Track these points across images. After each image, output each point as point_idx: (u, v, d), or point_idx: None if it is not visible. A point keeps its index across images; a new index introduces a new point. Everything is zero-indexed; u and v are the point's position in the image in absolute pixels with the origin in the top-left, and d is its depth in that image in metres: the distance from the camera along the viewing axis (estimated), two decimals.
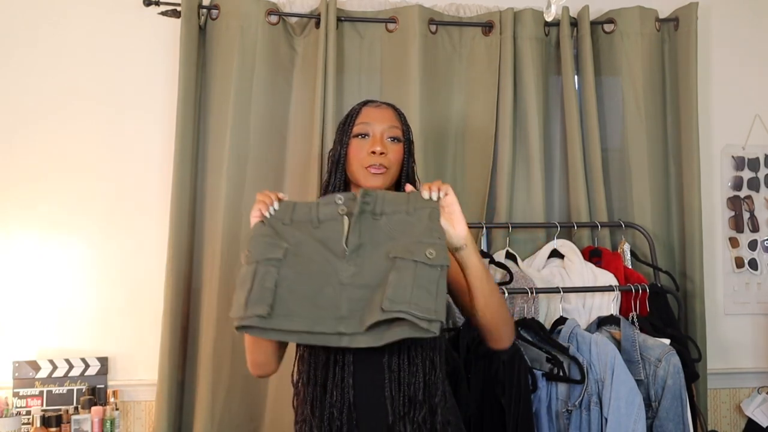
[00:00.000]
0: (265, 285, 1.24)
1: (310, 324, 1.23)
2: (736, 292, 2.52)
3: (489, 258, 2.13)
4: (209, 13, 2.23)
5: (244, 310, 1.22)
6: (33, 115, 2.20)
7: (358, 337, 1.23)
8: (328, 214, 1.33)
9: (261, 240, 1.30)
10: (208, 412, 2.10)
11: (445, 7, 2.38)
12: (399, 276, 1.22)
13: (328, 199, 1.35)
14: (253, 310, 1.21)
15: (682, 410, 1.87)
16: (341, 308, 1.25)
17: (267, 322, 1.22)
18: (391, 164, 1.50)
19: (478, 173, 2.31)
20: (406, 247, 1.26)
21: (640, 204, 2.34)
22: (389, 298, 1.19)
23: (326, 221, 1.33)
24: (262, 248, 1.28)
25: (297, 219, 1.33)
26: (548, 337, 1.94)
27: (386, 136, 1.51)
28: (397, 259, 1.24)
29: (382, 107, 1.57)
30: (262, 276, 1.25)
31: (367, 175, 1.49)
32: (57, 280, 2.19)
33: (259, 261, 1.27)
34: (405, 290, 1.20)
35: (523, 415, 1.78)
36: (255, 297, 1.23)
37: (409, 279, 1.21)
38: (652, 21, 2.40)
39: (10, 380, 2.09)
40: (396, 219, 1.32)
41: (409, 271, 1.22)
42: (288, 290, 1.25)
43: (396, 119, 1.55)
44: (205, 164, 2.22)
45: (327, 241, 1.31)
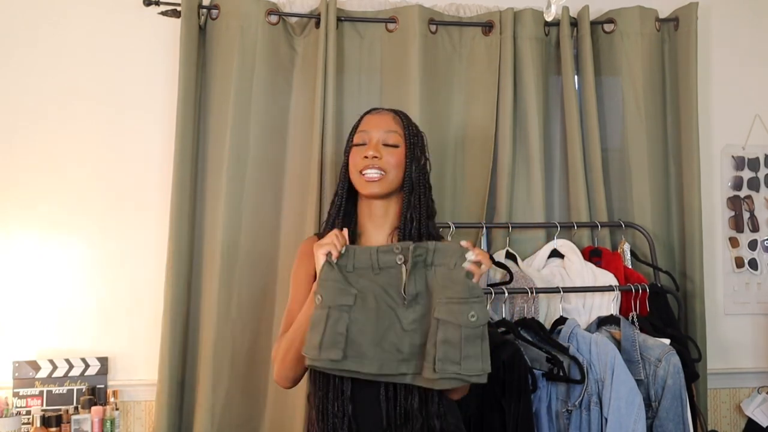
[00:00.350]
0: (337, 330, 1.35)
1: (377, 367, 1.36)
2: (736, 292, 2.52)
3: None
4: (209, 13, 2.23)
5: (319, 352, 1.34)
6: (33, 115, 2.20)
7: (419, 377, 1.37)
8: (387, 262, 1.42)
9: (333, 285, 1.38)
10: (208, 412, 2.10)
11: (445, 7, 2.38)
12: (446, 337, 1.33)
13: (386, 247, 1.43)
14: (327, 354, 1.33)
15: (682, 410, 1.87)
16: (404, 352, 1.37)
17: (338, 365, 1.35)
18: (389, 168, 1.51)
19: (478, 173, 2.31)
20: (449, 309, 1.35)
21: (640, 204, 2.34)
22: (440, 359, 1.32)
23: (385, 268, 1.42)
24: (334, 294, 1.37)
25: (358, 266, 1.42)
26: (548, 337, 1.94)
27: (382, 142, 1.53)
28: (442, 321, 1.35)
29: (381, 113, 1.59)
30: (335, 321, 1.35)
31: (362, 183, 1.52)
32: (57, 280, 2.19)
33: (332, 306, 1.36)
34: (454, 353, 1.32)
35: (523, 415, 1.78)
36: (328, 341, 1.34)
37: (456, 340, 1.33)
38: (652, 21, 2.40)
39: (10, 380, 2.09)
40: (440, 272, 1.40)
41: (456, 333, 1.33)
42: (358, 334, 1.36)
43: (395, 123, 1.56)
44: (205, 164, 2.22)
45: (387, 288, 1.40)
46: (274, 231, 2.24)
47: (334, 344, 1.33)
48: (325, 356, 1.33)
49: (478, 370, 1.33)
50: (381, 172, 1.50)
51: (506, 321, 1.98)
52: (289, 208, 2.25)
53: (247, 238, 2.18)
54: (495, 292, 1.99)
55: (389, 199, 1.56)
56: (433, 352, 1.34)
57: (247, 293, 2.16)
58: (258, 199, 2.21)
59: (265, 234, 2.22)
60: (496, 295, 1.99)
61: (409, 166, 1.54)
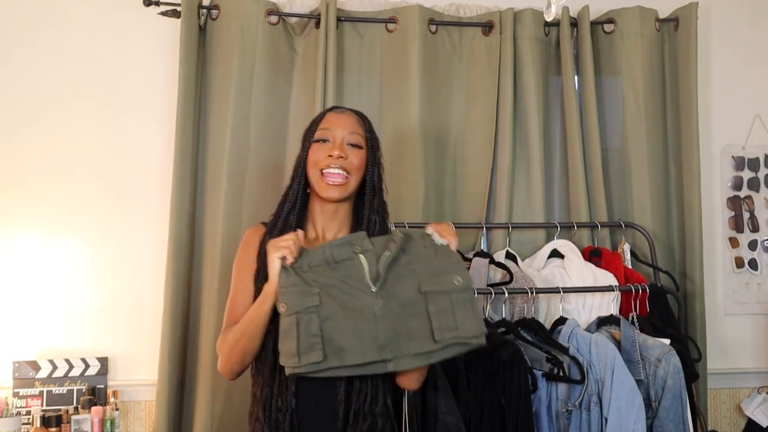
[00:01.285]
0: (311, 332, 1.34)
1: (360, 357, 1.35)
2: (736, 292, 2.52)
3: (489, 258, 2.13)
4: (209, 13, 2.23)
5: (298, 359, 1.33)
6: (33, 115, 2.20)
7: (402, 360, 1.37)
8: (342, 255, 1.42)
9: (294, 290, 1.38)
10: (208, 412, 2.10)
11: (445, 7, 2.38)
12: (437, 306, 1.37)
13: (340, 240, 1.44)
14: (308, 359, 1.33)
15: (682, 410, 1.87)
16: (380, 338, 1.36)
17: (321, 366, 1.34)
18: (352, 170, 1.51)
19: (478, 173, 2.31)
20: (433, 280, 1.39)
21: (640, 204, 2.34)
22: (437, 329, 1.35)
23: (341, 261, 1.42)
24: (298, 298, 1.37)
25: (314, 264, 1.41)
26: (548, 337, 1.94)
27: (347, 142, 1.52)
28: (430, 293, 1.38)
29: (345, 113, 1.58)
30: (306, 324, 1.35)
31: (322, 185, 1.50)
32: (57, 280, 2.19)
33: (299, 311, 1.36)
34: (448, 318, 1.36)
35: (523, 415, 1.78)
36: (305, 346, 1.34)
37: (448, 307, 1.37)
38: (652, 21, 2.40)
39: (10, 380, 2.09)
40: (414, 253, 1.43)
41: (446, 301, 1.37)
42: (332, 330, 1.36)
43: (358, 125, 1.56)
44: (205, 164, 2.22)
45: (347, 279, 1.40)
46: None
47: (311, 347, 1.33)
48: (306, 361, 1.33)
49: (475, 330, 1.36)
50: (344, 173, 1.50)
51: (506, 321, 1.98)
52: None
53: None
54: (495, 292, 1.99)
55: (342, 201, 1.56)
56: (427, 326, 1.36)
57: None
58: (258, 199, 2.21)
59: None
60: (496, 295, 1.99)
61: (371, 169, 1.55)
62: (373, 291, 1.38)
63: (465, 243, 2.29)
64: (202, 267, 2.19)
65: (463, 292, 1.38)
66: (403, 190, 2.24)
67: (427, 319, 1.36)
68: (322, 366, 1.34)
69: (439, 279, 1.39)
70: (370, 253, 1.41)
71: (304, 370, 1.34)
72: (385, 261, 1.40)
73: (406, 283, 1.40)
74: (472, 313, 1.37)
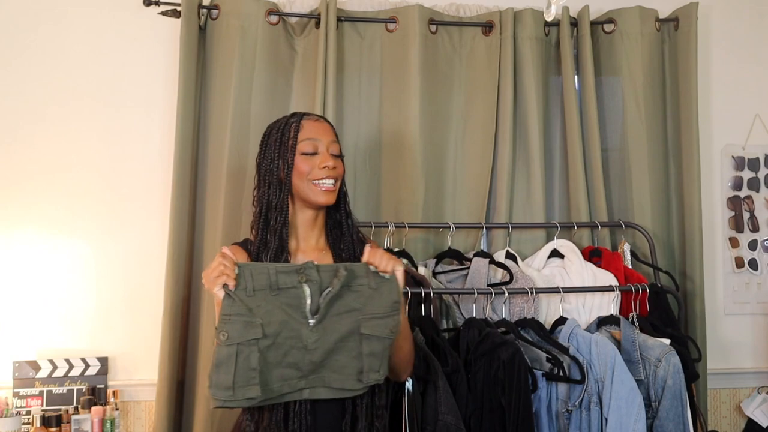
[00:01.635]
0: (250, 366, 1.31)
1: (278, 389, 1.35)
2: (736, 292, 2.52)
3: (489, 258, 2.13)
4: (209, 13, 2.23)
5: (233, 392, 1.29)
6: (33, 115, 2.20)
7: (318, 389, 1.39)
8: (287, 282, 1.37)
9: (238, 320, 1.32)
10: (208, 412, 2.10)
11: (445, 7, 2.38)
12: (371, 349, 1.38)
13: (286, 267, 1.38)
14: (244, 394, 1.30)
15: (682, 410, 1.87)
16: (303, 368, 1.36)
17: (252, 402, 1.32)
18: (339, 177, 1.54)
19: (478, 173, 2.31)
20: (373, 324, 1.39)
21: (640, 204, 2.34)
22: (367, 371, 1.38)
23: (285, 289, 1.37)
24: (240, 329, 1.32)
25: (258, 287, 1.35)
26: (548, 337, 1.94)
27: (330, 152, 1.53)
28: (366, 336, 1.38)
29: (321, 121, 1.57)
30: (246, 357, 1.31)
31: (316, 192, 1.50)
32: (57, 279, 2.19)
33: (240, 342, 1.31)
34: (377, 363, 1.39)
35: (523, 415, 1.78)
36: (242, 379, 1.30)
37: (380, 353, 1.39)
38: (652, 21, 2.40)
39: (10, 380, 2.09)
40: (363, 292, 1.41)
41: (380, 347, 1.39)
42: (267, 365, 1.33)
43: (333, 134, 1.57)
44: (205, 164, 2.22)
45: (287, 308, 1.36)
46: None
47: (248, 381, 1.30)
48: (241, 396, 1.29)
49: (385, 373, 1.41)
50: (334, 181, 1.52)
51: (506, 321, 1.98)
52: None
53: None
54: (495, 292, 1.99)
55: None
56: (355, 364, 1.38)
57: None
58: None
59: None
60: (496, 295, 1.99)
61: (344, 177, 1.57)
62: (310, 324, 1.36)
63: (465, 243, 2.29)
64: (202, 267, 2.19)
65: (390, 339, 1.40)
66: (403, 190, 2.24)
67: (358, 358, 1.38)
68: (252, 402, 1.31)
69: (380, 323, 1.39)
70: (314, 284, 1.37)
71: (237, 405, 1.32)
72: (326, 296, 1.37)
73: (345, 320, 1.38)
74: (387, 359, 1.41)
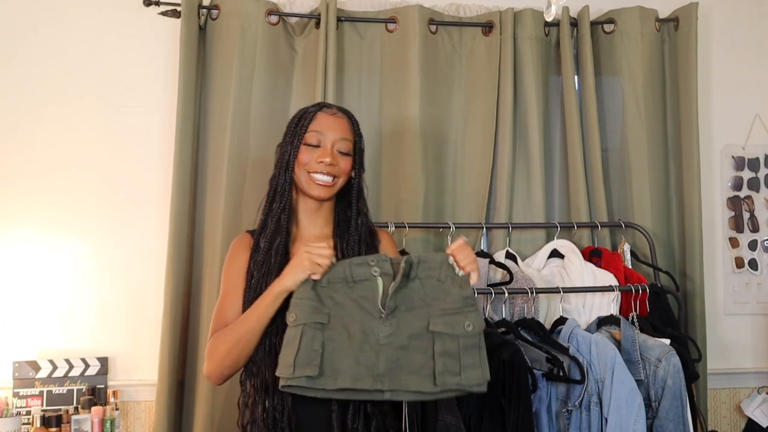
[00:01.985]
0: (312, 347, 1.33)
1: (352, 382, 1.33)
2: (736, 292, 2.52)
3: (489, 258, 2.13)
4: (209, 13, 2.23)
5: (293, 370, 1.31)
6: (33, 115, 2.20)
7: (400, 393, 1.34)
8: (361, 275, 1.40)
9: (306, 303, 1.37)
10: (208, 412, 2.10)
11: (445, 7, 2.38)
12: (444, 348, 1.33)
13: (360, 259, 1.42)
14: (303, 371, 1.31)
15: (682, 410, 1.87)
16: (378, 367, 1.34)
17: (314, 382, 1.32)
18: (340, 175, 1.53)
19: (478, 173, 2.31)
20: (444, 320, 1.35)
21: (640, 204, 2.34)
22: (440, 372, 1.31)
23: (360, 281, 1.40)
24: (308, 312, 1.36)
25: (333, 280, 1.40)
26: (548, 337, 1.94)
27: (336, 148, 1.52)
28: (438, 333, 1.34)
29: (337, 116, 1.56)
30: (310, 338, 1.34)
31: (311, 184, 1.51)
32: (57, 279, 2.19)
33: (306, 324, 1.35)
34: (453, 363, 1.32)
35: (523, 415, 1.77)
36: (303, 359, 1.32)
37: (455, 351, 1.33)
38: (652, 21, 2.40)
39: (10, 380, 2.09)
40: (429, 284, 1.40)
41: (453, 345, 1.34)
42: (333, 351, 1.34)
43: (348, 130, 1.56)
44: (205, 164, 2.22)
45: (362, 301, 1.38)
46: None
47: (309, 361, 1.32)
48: (300, 373, 1.31)
49: (479, 379, 1.33)
50: (332, 177, 1.52)
51: (506, 321, 1.98)
52: None
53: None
54: (495, 292, 1.99)
55: None
56: (431, 365, 1.33)
57: None
58: (258, 199, 2.18)
59: None
60: (496, 295, 1.99)
61: (357, 172, 1.56)
62: (382, 317, 1.36)
63: None
64: (202, 267, 2.19)
65: (472, 337, 1.35)
66: (403, 190, 2.24)
67: (431, 358, 1.33)
68: (316, 384, 1.32)
69: (451, 320, 1.35)
70: (387, 277, 1.38)
71: (297, 383, 1.32)
72: (391, 289, 1.36)
73: (418, 314, 1.37)
74: (479, 359, 1.34)
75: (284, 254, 1.50)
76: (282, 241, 1.50)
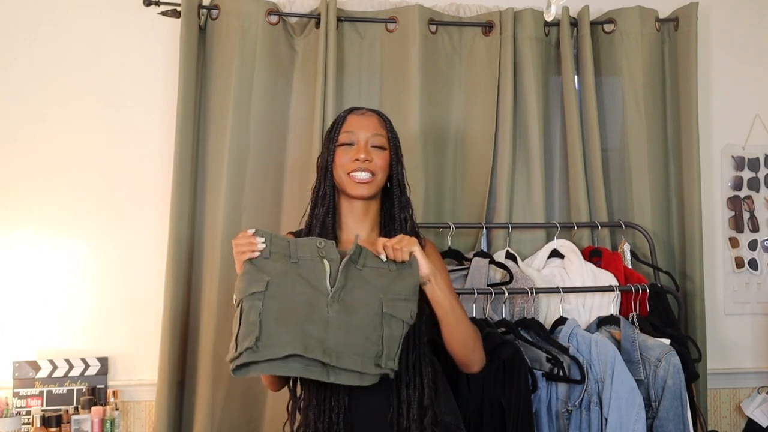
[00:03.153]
0: (250, 319, 1.28)
1: (301, 348, 1.27)
2: (736, 292, 2.52)
3: (489, 258, 2.13)
4: (209, 13, 2.23)
5: (235, 349, 1.27)
6: (33, 115, 2.20)
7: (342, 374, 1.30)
8: (306, 255, 1.37)
9: (243, 278, 1.33)
10: (208, 412, 2.10)
11: (445, 7, 2.38)
12: (391, 332, 1.34)
13: (306, 241, 1.39)
14: (243, 345, 1.26)
15: (682, 410, 1.87)
16: (328, 340, 1.30)
17: (257, 355, 1.26)
18: (377, 171, 1.53)
19: (478, 173, 2.31)
20: (395, 304, 1.35)
21: (640, 204, 2.34)
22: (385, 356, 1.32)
23: (305, 260, 1.37)
24: (244, 285, 1.32)
25: (275, 251, 1.37)
26: (548, 337, 1.94)
27: (370, 144, 1.53)
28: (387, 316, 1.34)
29: (366, 115, 1.58)
30: (247, 311, 1.29)
31: (351, 184, 1.51)
32: (57, 279, 2.19)
33: (243, 298, 1.31)
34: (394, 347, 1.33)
35: (523, 415, 1.78)
36: (243, 333, 1.27)
37: (398, 336, 1.34)
38: (652, 21, 2.40)
39: (10, 380, 2.09)
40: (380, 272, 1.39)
41: (398, 330, 1.35)
42: (275, 320, 1.29)
43: (381, 126, 1.56)
44: (205, 164, 2.22)
45: (308, 278, 1.35)
46: (273, 231, 2.23)
47: (248, 334, 1.27)
48: (240, 348, 1.26)
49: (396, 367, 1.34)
50: (370, 174, 1.52)
51: (506, 321, 1.98)
52: (289, 208, 2.24)
53: None
54: (495, 292, 1.99)
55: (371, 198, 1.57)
56: (377, 348, 1.31)
57: None
58: (258, 199, 2.21)
59: None
60: (496, 295, 1.99)
61: (395, 168, 1.57)
62: (330, 292, 1.33)
63: (465, 243, 2.29)
64: (202, 267, 2.19)
65: (408, 327, 1.36)
66: None
67: (378, 342, 1.32)
68: (260, 356, 1.26)
69: (403, 305, 1.36)
70: (334, 262, 1.36)
71: (240, 360, 1.26)
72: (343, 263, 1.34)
73: (367, 296, 1.35)
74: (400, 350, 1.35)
75: None
76: None
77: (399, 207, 1.56)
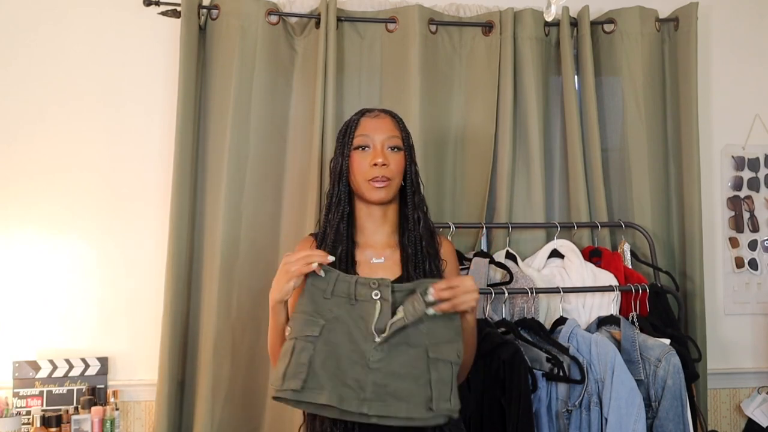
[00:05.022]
0: (300, 360, 1.35)
1: (337, 400, 1.34)
2: (736, 292, 2.52)
3: (489, 258, 2.13)
4: (209, 13, 2.23)
5: (282, 382, 1.35)
6: (33, 115, 2.20)
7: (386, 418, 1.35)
8: (364, 295, 1.41)
9: (301, 317, 1.40)
10: (208, 412, 2.10)
11: (445, 7, 2.38)
12: (440, 375, 1.36)
13: (364, 279, 1.43)
14: (289, 384, 1.34)
15: (682, 410, 1.87)
16: (366, 390, 1.35)
17: (299, 395, 1.34)
18: (394, 174, 1.53)
19: (478, 173, 2.31)
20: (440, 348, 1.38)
21: (640, 204, 2.34)
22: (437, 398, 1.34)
23: (361, 301, 1.41)
24: (301, 325, 1.39)
25: (337, 293, 1.42)
26: (548, 337, 1.94)
27: (386, 146, 1.53)
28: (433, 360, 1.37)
29: (380, 116, 1.57)
30: (299, 351, 1.36)
31: (370, 188, 1.51)
32: (57, 279, 2.19)
33: (298, 337, 1.38)
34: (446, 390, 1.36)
35: (523, 415, 1.77)
36: (291, 371, 1.35)
37: (448, 378, 1.37)
38: (652, 21, 2.40)
39: (10, 380, 2.09)
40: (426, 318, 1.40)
41: (447, 371, 1.37)
42: (321, 366, 1.36)
43: (395, 127, 1.56)
44: (205, 164, 2.22)
45: (359, 321, 1.40)
46: (274, 231, 2.24)
47: (295, 374, 1.34)
48: (286, 386, 1.33)
49: (457, 405, 1.37)
50: (388, 178, 1.51)
51: (506, 321, 1.98)
52: (289, 208, 2.25)
53: (247, 238, 2.18)
54: (495, 292, 1.99)
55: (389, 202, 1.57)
56: (427, 392, 1.35)
57: (247, 293, 2.16)
58: (258, 199, 2.21)
59: (264, 234, 2.22)
60: (496, 295, 1.99)
61: (409, 168, 1.57)
62: (376, 341, 1.37)
63: (465, 243, 2.29)
64: (202, 267, 2.19)
65: (457, 365, 1.39)
66: None
67: (426, 385, 1.35)
68: (302, 397, 1.33)
69: (448, 347, 1.39)
70: (386, 303, 1.39)
71: (284, 395, 1.34)
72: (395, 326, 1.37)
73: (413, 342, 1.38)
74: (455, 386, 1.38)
75: (350, 262, 1.51)
76: (345, 250, 1.51)
77: (412, 206, 1.56)
